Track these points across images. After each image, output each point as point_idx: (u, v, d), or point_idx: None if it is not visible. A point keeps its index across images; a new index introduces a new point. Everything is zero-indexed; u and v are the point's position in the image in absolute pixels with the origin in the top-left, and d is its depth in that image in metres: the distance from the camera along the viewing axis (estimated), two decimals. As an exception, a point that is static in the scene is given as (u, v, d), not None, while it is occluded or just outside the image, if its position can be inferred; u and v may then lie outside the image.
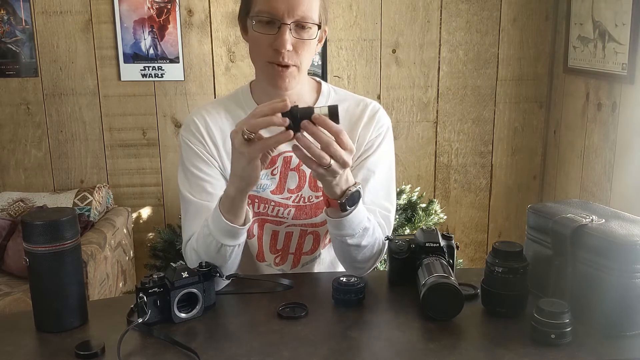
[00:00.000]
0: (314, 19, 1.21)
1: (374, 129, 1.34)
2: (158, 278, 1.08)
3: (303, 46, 1.22)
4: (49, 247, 1.03)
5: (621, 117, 2.57)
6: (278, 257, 1.40)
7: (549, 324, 0.99)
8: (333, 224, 1.20)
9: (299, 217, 1.35)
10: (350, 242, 1.21)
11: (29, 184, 3.08)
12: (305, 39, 1.21)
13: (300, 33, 1.21)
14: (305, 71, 1.28)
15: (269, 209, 1.35)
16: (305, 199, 1.35)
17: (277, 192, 1.34)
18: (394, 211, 1.37)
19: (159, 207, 3.17)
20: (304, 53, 1.23)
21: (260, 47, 1.23)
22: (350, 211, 1.16)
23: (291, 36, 1.20)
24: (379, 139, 1.35)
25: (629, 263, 1.01)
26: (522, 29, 3.12)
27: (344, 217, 1.17)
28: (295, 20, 1.19)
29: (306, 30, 1.21)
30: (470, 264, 3.31)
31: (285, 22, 1.18)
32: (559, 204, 1.20)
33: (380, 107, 1.38)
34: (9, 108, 3.01)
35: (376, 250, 1.27)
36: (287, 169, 1.33)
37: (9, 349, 1.02)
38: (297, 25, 1.20)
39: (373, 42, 3.09)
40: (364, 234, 1.22)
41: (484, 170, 3.28)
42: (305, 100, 1.34)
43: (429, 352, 1.00)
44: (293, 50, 1.21)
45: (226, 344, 1.04)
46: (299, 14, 1.19)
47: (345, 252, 1.25)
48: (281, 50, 1.19)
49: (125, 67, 2.98)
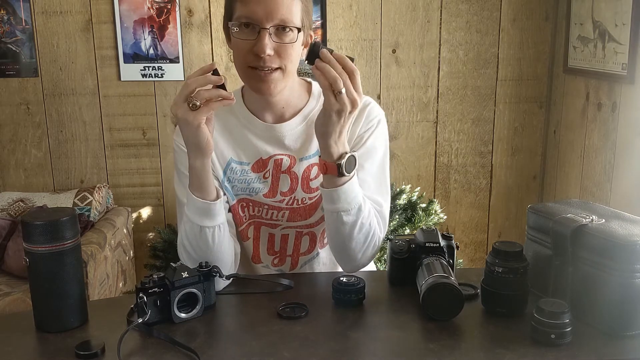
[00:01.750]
0: (294, 22, 1.20)
1: (363, 123, 1.33)
2: (158, 278, 1.08)
3: (285, 49, 1.20)
4: (49, 247, 1.03)
5: (621, 117, 2.57)
6: (276, 259, 1.40)
7: (549, 324, 0.99)
8: (329, 196, 1.20)
9: (293, 220, 1.35)
10: (345, 219, 1.21)
11: (29, 184, 3.08)
12: (286, 42, 1.20)
13: (281, 37, 1.20)
14: (292, 74, 1.26)
15: (263, 212, 1.35)
16: (298, 201, 1.34)
17: (270, 195, 1.33)
18: (387, 206, 1.34)
19: (159, 207, 3.17)
20: (287, 56, 1.21)
21: (241, 52, 1.22)
22: (349, 178, 1.18)
23: (271, 40, 1.18)
24: (368, 133, 1.33)
25: (629, 263, 1.01)
26: (522, 29, 3.12)
27: (340, 187, 1.18)
28: (274, 24, 1.18)
29: (287, 34, 1.20)
30: (470, 264, 3.31)
31: (264, 26, 1.17)
32: (559, 204, 1.20)
33: (372, 102, 1.36)
34: (9, 108, 3.00)
35: (371, 240, 1.26)
36: (279, 172, 1.33)
37: (9, 349, 1.02)
38: (277, 29, 1.19)
39: (373, 42, 3.09)
40: (359, 212, 1.21)
41: (484, 170, 3.28)
42: (295, 103, 1.34)
43: (429, 352, 1.00)
44: (275, 54, 1.20)
45: (226, 344, 1.04)
46: (278, 17, 1.17)
47: (340, 236, 1.24)
48: (261, 55, 1.18)
49: (125, 67, 2.98)
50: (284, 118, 1.33)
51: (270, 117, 1.33)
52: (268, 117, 1.33)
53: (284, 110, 1.32)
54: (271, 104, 1.31)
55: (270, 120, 1.33)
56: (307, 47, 1.29)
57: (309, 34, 1.27)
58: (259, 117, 1.33)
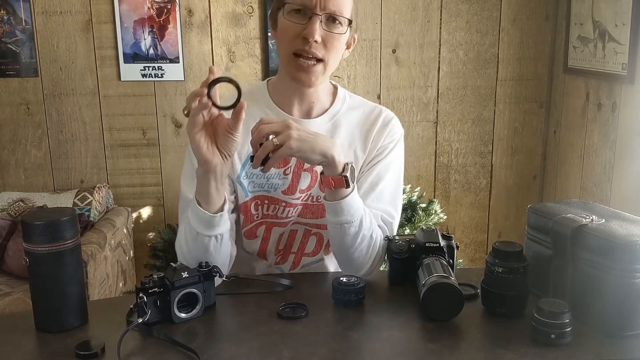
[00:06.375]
0: (346, 15, 1.22)
1: (387, 136, 1.35)
2: (158, 278, 1.08)
3: (332, 41, 1.22)
4: (49, 247, 1.03)
5: (621, 117, 2.57)
6: (279, 257, 1.40)
7: (549, 324, 0.99)
8: (332, 208, 1.20)
9: (304, 215, 1.35)
10: (349, 230, 1.21)
11: (29, 184, 3.08)
12: (335, 32, 1.21)
13: (331, 26, 1.21)
14: (330, 72, 1.28)
15: (279, 210, 1.34)
16: (313, 197, 1.34)
17: (289, 192, 1.33)
18: (397, 219, 1.36)
19: (159, 207, 3.17)
20: (332, 48, 1.22)
21: (288, 36, 1.22)
22: (352, 189, 1.18)
23: (321, 28, 1.20)
24: (391, 146, 1.35)
25: (629, 263, 1.01)
26: (522, 29, 3.12)
27: (344, 199, 1.18)
28: (327, 13, 1.19)
29: (337, 25, 1.22)
30: (470, 264, 3.31)
31: (317, 12, 1.19)
32: (559, 204, 1.20)
33: (395, 117, 1.39)
34: (9, 108, 3.00)
35: (373, 249, 1.26)
36: (301, 169, 1.32)
37: (9, 349, 1.02)
38: (328, 18, 1.20)
39: (373, 42, 3.09)
40: (362, 224, 1.22)
41: (484, 170, 3.28)
42: (323, 101, 1.35)
43: (429, 352, 1.00)
44: (322, 43, 1.21)
45: (226, 344, 1.04)
46: (331, 7, 1.19)
47: (345, 248, 1.25)
48: (309, 39, 1.19)
49: (125, 67, 2.98)
50: (310, 115, 1.33)
51: (297, 112, 1.33)
52: (295, 111, 1.33)
53: (313, 105, 1.33)
54: (303, 97, 1.31)
55: (297, 115, 1.33)
56: (349, 48, 1.31)
57: (353, 36, 1.29)
58: (286, 110, 1.33)
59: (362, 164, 1.35)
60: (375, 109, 1.38)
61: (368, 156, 1.35)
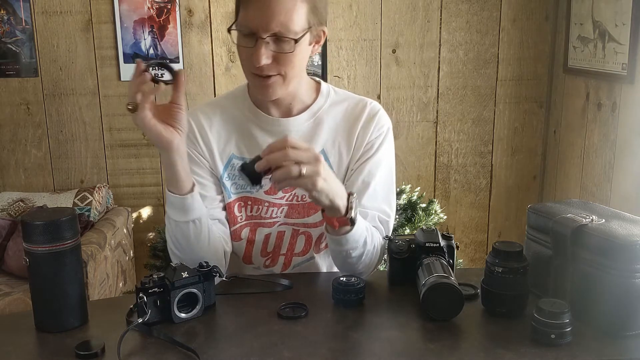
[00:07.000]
0: (293, 30, 1.17)
1: (374, 130, 1.32)
2: (158, 278, 1.08)
3: (284, 57, 1.19)
4: (49, 247, 1.03)
5: (621, 117, 2.57)
6: (268, 260, 1.39)
7: (549, 324, 0.99)
8: (336, 241, 1.19)
9: (291, 216, 1.34)
10: (354, 254, 1.22)
11: (29, 184, 3.08)
12: (284, 52, 1.18)
13: (279, 46, 1.18)
14: (296, 77, 1.25)
15: (262, 211, 1.34)
16: (298, 197, 1.34)
17: (271, 192, 1.33)
18: (393, 216, 1.36)
19: (158, 207, 3.17)
20: (287, 63, 1.20)
21: (242, 58, 1.23)
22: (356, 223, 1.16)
23: (268, 50, 1.17)
24: (379, 140, 1.33)
25: (629, 263, 1.01)
26: (522, 29, 3.12)
27: (349, 233, 1.17)
28: (271, 34, 1.16)
29: (286, 43, 1.18)
30: (470, 264, 3.31)
31: (261, 36, 1.16)
32: (559, 204, 1.19)
33: (381, 108, 1.36)
34: (9, 108, 3.01)
35: (375, 255, 1.27)
36: None
37: (9, 349, 1.02)
38: (274, 38, 1.17)
39: (373, 42, 3.09)
40: (365, 245, 1.22)
41: (484, 170, 3.28)
42: (303, 99, 1.33)
43: (429, 352, 1.00)
44: (273, 62, 1.19)
45: (226, 344, 1.04)
46: (273, 28, 1.15)
47: (347, 264, 1.25)
48: (256, 65, 1.18)
49: (125, 67, 2.98)
50: (291, 113, 1.33)
51: (276, 112, 1.33)
52: (274, 111, 1.33)
53: (292, 106, 1.32)
54: (277, 101, 1.30)
55: (276, 115, 1.33)
56: (319, 43, 1.27)
57: (321, 31, 1.25)
58: (265, 111, 1.33)
59: (349, 160, 1.33)
60: (359, 102, 1.35)
61: (355, 153, 1.33)
